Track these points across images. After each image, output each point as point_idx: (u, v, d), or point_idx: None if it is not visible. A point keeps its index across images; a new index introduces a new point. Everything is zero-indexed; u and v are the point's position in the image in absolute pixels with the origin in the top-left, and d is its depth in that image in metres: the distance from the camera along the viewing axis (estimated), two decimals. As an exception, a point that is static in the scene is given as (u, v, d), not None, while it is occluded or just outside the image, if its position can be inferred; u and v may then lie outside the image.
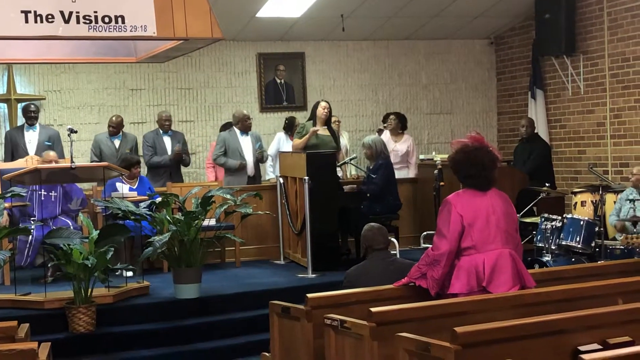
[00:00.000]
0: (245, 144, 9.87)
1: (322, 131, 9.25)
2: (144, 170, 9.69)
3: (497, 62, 12.70)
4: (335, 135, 9.46)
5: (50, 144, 9.53)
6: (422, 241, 9.81)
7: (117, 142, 9.84)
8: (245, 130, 9.89)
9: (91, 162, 9.63)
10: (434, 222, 5.16)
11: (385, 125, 10.88)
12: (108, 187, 8.49)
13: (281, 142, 10.40)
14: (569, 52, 10.92)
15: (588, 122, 10.92)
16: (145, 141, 10.03)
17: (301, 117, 10.80)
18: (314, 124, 9.24)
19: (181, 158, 9.97)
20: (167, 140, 10.01)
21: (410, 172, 10.61)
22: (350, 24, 10.99)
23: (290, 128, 10.44)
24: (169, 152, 9.92)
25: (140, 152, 9.97)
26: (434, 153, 10.74)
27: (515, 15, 11.81)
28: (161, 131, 10.06)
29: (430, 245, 5.04)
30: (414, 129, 12.16)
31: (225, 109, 11.33)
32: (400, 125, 10.76)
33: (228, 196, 7.63)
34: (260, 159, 10.00)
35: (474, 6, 11.24)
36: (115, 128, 9.85)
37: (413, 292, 4.98)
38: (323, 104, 9.38)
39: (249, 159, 9.87)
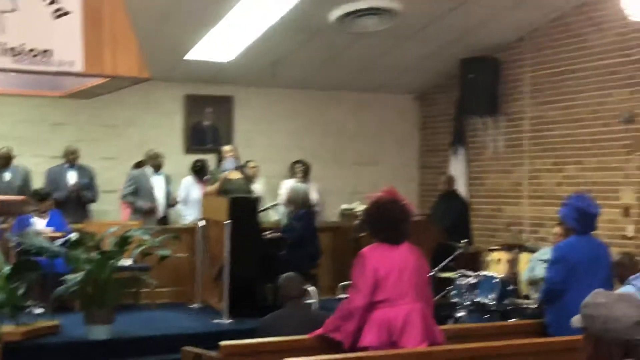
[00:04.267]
0: (157, 184, 9.81)
1: (234, 175, 9.25)
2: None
3: (421, 118, 12.94)
4: (248, 179, 9.46)
5: None
6: (339, 291, 9.81)
7: (7, 176, 9.61)
8: (157, 168, 9.84)
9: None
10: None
11: (295, 172, 10.80)
12: (19, 222, 8.28)
13: (189, 187, 10.32)
14: (490, 113, 11.18)
15: (507, 181, 11.18)
16: (47, 176, 9.88)
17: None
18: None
19: (78, 194, 9.81)
20: (71, 175, 9.85)
21: (322, 219, 10.67)
22: (280, 72, 11.08)
23: (200, 172, 10.32)
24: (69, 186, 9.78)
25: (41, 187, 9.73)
26: (356, 203, 10.84)
27: (441, 73, 12.07)
28: (66, 165, 9.91)
29: (347, 296, 5.07)
30: (338, 179, 12.24)
31: (149, 148, 11.23)
32: (306, 172, 10.79)
33: (146, 237, 7.54)
34: (170, 203, 9.94)
35: (401, 62, 11.46)
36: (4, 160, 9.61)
37: (327, 344, 4.98)
38: (226, 148, 9.44)
39: (160, 199, 9.79)
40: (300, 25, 9.94)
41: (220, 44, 10.35)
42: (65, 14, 6.22)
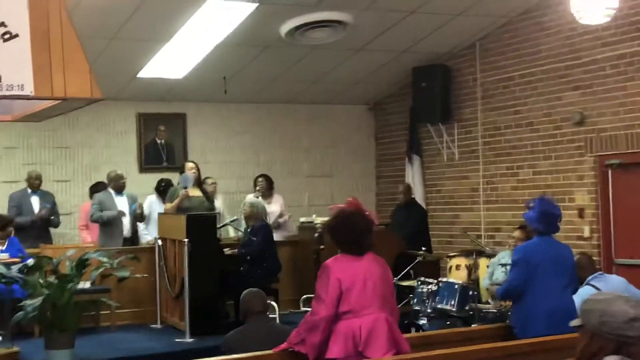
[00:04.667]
0: (121, 205, 9.73)
1: (194, 192, 9.20)
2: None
3: (376, 128, 12.99)
4: (208, 196, 9.43)
5: None
6: (301, 304, 9.80)
7: None
8: (119, 190, 9.77)
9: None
10: (314, 286, 5.19)
11: (257, 188, 10.77)
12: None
13: (152, 205, 10.25)
14: (444, 120, 11.27)
15: (462, 187, 11.26)
16: (10, 201, 9.78)
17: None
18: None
19: (47, 220, 9.73)
20: (34, 200, 9.80)
21: (283, 234, 10.60)
22: (232, 87, 11.05)
23: (164, 192, 10.25)
24: (36, 212, 9.68)
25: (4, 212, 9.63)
26: (314, 216, 10.82)
27: (393, 83, 12.15)
28: (29, 190, 9.82)
29: (310, 309, 5.05)
30: (295, 192, 12.23)
31: (103, 169, 11.07)
32: (269, 186, 10.76)
33: (104, 259, 7.46)
34: (139, 216, 9.86)
35: (354, 73, 11.51)
36: None
37: (292, 357, 4.96)
38: (189, 164, 9.40)
39: (125, 219, 9.72)
40: (251, 39, 9.94)
41: (172, 61, 10.31)
42: (14, 37, 6.14)
